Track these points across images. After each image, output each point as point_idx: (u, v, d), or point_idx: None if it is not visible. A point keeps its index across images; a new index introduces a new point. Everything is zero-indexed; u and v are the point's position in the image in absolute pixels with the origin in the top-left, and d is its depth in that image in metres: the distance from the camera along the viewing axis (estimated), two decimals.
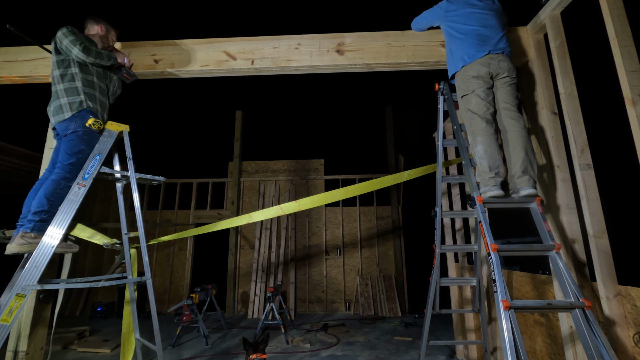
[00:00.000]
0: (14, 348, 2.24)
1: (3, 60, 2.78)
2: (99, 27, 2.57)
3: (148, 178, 2.56)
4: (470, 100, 2.27)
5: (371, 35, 2.73)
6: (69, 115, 2.23)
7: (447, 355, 4.05)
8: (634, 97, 1.75)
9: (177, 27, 5.16)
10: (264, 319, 4.98)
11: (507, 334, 1.61)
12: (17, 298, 1.84)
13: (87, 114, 2.27)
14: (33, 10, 4.62)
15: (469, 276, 3.69)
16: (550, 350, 2.49)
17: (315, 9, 5.10)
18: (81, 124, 2.23)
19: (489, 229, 1.93)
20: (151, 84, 3.19)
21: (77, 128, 2.22)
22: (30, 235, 2.04)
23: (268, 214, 2.85)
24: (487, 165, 2.12)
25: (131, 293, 2.53)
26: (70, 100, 2.25)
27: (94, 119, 2.27)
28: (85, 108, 2.27)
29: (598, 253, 1.92)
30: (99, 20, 2.59)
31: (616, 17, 1.87)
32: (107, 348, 4.49)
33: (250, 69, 2.76)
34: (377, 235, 7.28)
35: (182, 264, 7.32)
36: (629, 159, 1.87)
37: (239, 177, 7.60)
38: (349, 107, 7.81)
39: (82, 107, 2.26)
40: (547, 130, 2.39)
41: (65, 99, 2.25)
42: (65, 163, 2.17)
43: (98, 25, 2.57)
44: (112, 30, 2.64)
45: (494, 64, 2.24)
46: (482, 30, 2.32)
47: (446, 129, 3.94)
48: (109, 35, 2.61)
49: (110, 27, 2.63)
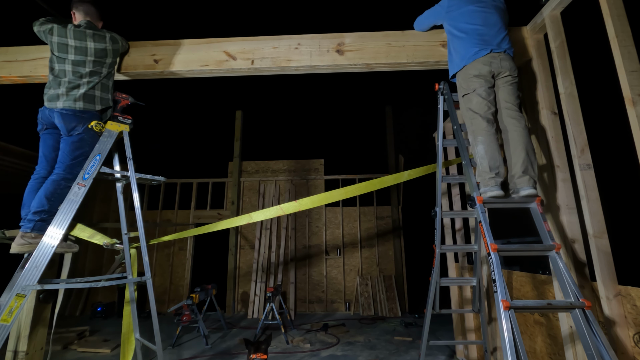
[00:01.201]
0: (14, 348, 2.24)
1: (3, 60, 2.78)
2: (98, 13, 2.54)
3: (148, 178, 2.56)
4: (472, 100, 2.26)
5: (371, 35, 2.73)
6: (98, 108, 2.32)
7: (447, 355, 4.05)
8: (634, 97, 1.75)
9: (177, 27, 5.16)
10: (264, 319, 4.98)
11: (507, 334, 1.61)
12: (17, 298, 1.84)
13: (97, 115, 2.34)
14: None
15: (469, 276, 3.69)
16: (550, 350, 2.49)
17: (315, 9, 5.09)
18: (87, 126, 2.25)
19: (489, 229, 1.93)
20: (151, 84, 3.19)
21: (83, 130, 2.23)
22: (30, 235, 2.04)
23: (268, 214, 2.85)
24: (488, 165, 2.11)
25: (131, 293, 2.53)
26: (102, 95, 2.35)
27: (96, 121, 2.29)
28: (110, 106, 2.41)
29: (598, 253, 1.92)
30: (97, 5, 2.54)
31: (616, 17, 1.87)
32: (107, 348, 4.49)
33: (250, 69, 2.76)
34: (377, 235, 7.28)
35: (182, 264, 7.32)
36: (629, 159, 1.87)
37: (239, 177, 7.60)
38: (349, 107, 7.80)
39: (109, 105, 2.40)
40: (547, 130, 2.39)
41: (100, 92, 2.34)
42: (67, 163, 2.18)
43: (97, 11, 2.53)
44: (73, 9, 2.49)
45: (496, 62, 2.23)
46: (484, 29, 2.30)
47: (446, 129, 3.94)
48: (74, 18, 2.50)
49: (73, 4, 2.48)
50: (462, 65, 2.33)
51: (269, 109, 7.85)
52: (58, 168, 2.18)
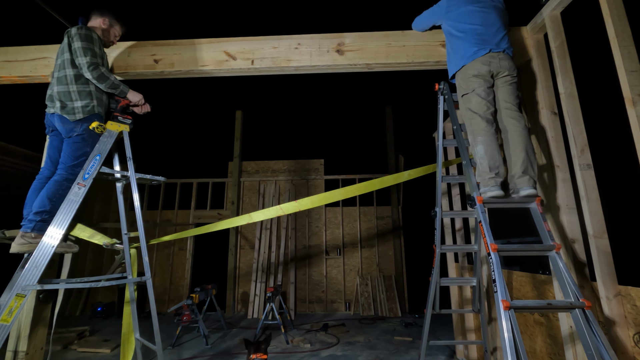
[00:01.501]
0: (14, 348, 2.24)
1: (3, 60, 2.78)
2: (102, 19, 2.51)
3: (148, 178, 2.56)
4: (471, 100, 2.26)
5: (371, 35, 2.73)
6: (80, 117, 2.24)
7: (447, 355, 4.05)
8: (634, 97, 1.75)
9: (177, 27, 5.16)
10: (264, 319, 4.98)
11: (507, 334, 1.61)
12: (17, 298, 1.84)
13: (93, 118, 2.28)
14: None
15: (469, 276, 3.69)
16: (550, 350, 2.49)
17: (315, 9, 5.09)
18: (86, 127, 2.24)
19: (489, 229, 1.93)
20: (151, 84, 3.19)
21: (82, 131, 2.23)
22: (30, 235, 2.04)
23: (268, 214, 2.85)
24: (488, 166, 2.11)
25: (131, 293, 2.53)
26: (83, 103, 2.26)
27: (97, 123, 2.28)
28: (96, 113, 2.30)
29: (598, 253, 1.92)
30: (104, 13, 2.53)
31: (616, 17, 1.87)
32: (107, 348, 4.49)
33: (250, 69, 2.76)
34: (377, 235, 7.28)
35: (182, 264, 7.32)
36: (629, 159, 1.87)
37: (239, 177, 7.60)
38: (349, 107, 7.80)
39: (93, 112, 2.28)
40: (547, 130, 2.39)
41: (79, 102, 2.25)
42: (69, 165, 2.18)
43: (102, 17, 2.51)
44: (116, 25, 2.57)
45: (495, 62, 2.23)
46: (482, 29, 2.30)
47: (446, 129, 3.94)
48: (111, 30, 2.55)
49: (115, 22, 2.56)
50: (461, 65, 2.33)
51: (269, 109, 7.85)
52: (60, 169, 2.19)
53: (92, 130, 2.26)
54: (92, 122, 2.26)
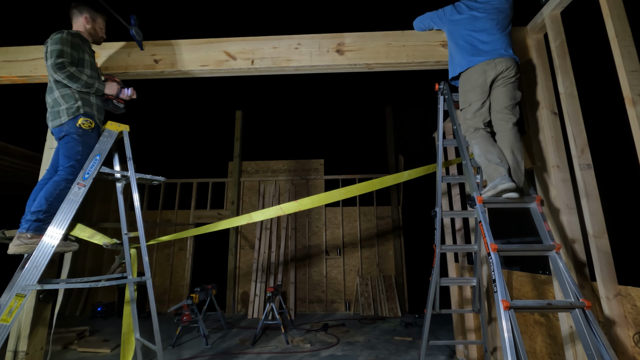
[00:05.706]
0: (14, 348, 2.24)
1: (3, 60, 2.78)
2: (84, 18, 2.39)
3: (148, 178, 2.56)
4: (467, 113, 2.33)
5: (371, 35, 2.73)
6: (65, 120, 2.20)
7: (447, 355, 4.05)
8: (634, 97, 1.75)
9: (177, 27, 5.16)
10: (264, 319, 4.98)
11: (507, 334, 1.61)
12: (17, 298, 1.84)
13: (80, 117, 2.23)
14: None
15: (469, 276, 3.69)
16: (550, 350, 2.48)
17: (315, 9, 5.09)
18: (73, 126, 2.20)
19: (489, 229, 1.93)
20: (151, 84, 3.19)
21: (69, 130, 2.20)
22: (26, 235, 2.03)
23: (268, 214, 2.85)
24: (486, 159, 2.12)
25: (131, 293, 2.53)
26: (67, 106, 2.21)
27: (83, 118, 2.22)
28: (82, 113, 2.23)
29: (598, 253, 1.92)
30: (81, 8, 2.37)
31: (616, 17, 1.87)
32: (107, 348, 4.49)
33: (250, 69, 2.76)
34: (377, 235, 7.28)
35: (182, 264, 7.32)
36: (629, 159, 1.87)
37: (239, 177, 7.60)
38: (349, 107, 7.81)
39: (79, 113, 2.23)
40: (547, 130, 2.39)
41: (64, 105, 2.22)
42: (66, 166, 2.17)
43: (82, 15, 2.39)
44: (98, 17, 2.43)
45: (490, 69, 2.23)
46: (482, 36, 2.30)
47: (446, 129, 3.94)
48: (95, 25, 2.43)
49: (95, 14, 2.41)
50: (458, 72, 2.39)
51: (269, 109, 7.86)
52: (60, 171, 2.19)
53: (80, 128, 2.22)
54: (78, 119, 2.22)
